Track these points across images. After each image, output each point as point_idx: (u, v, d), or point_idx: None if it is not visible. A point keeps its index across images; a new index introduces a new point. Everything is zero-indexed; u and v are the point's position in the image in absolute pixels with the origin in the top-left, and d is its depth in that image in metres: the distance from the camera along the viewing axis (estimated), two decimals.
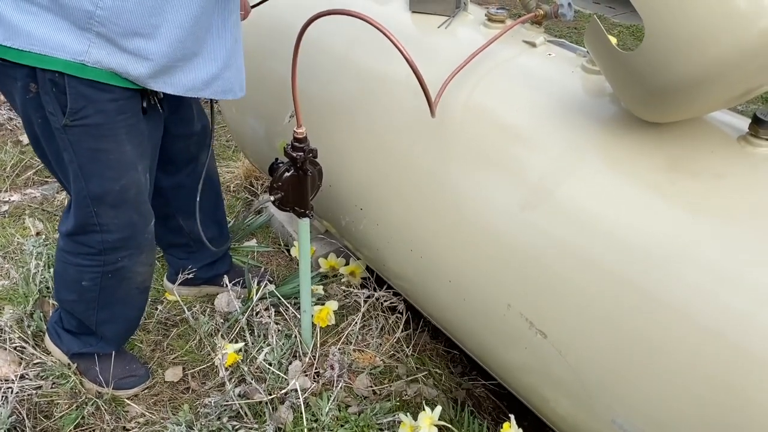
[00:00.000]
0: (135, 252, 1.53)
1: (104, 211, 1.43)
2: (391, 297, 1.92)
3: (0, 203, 2.33)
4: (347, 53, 1.79)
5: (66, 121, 1.28)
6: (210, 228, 1.93)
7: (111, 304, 1.62)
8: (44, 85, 1.25)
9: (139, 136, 1.40)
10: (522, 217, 1.34)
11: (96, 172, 1.37)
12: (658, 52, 1.07)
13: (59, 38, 1.20)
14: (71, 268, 1.55)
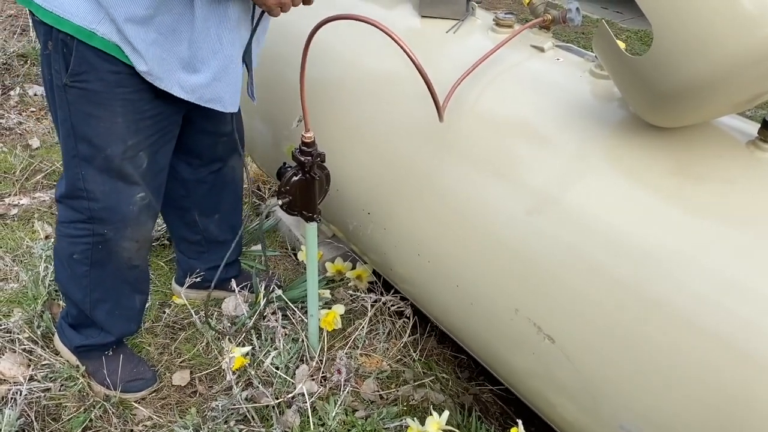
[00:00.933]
0: (120, 225, 1.55)
1: (91, 175, 1.46)
2: (398, 301, 1.92)
3: (10, 207, 2.35)
4: (355, 58, 1.79)
5: (66, 81, 1.35)
6: (225, 231, 1.95)
7: (102, 281, 1.63)
8: (56, 44, 1.32)
9: (137, 113, 1.42)
10: (529, 222, 1.34)
11: (85, 135, 1.42)
12: (666, 56, 1.07)
13: (77, 5, 1.27)
14: (64, 240, 1.59)
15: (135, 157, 1.48)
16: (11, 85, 3.14)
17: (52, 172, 2.56)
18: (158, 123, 1.48)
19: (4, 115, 2.93)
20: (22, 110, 2.98)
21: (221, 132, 1.75)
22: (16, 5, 4.00)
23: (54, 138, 2.76)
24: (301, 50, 1.39)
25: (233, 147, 1.82)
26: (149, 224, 1.63)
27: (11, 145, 2.72)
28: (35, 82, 3.19)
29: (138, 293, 1.74)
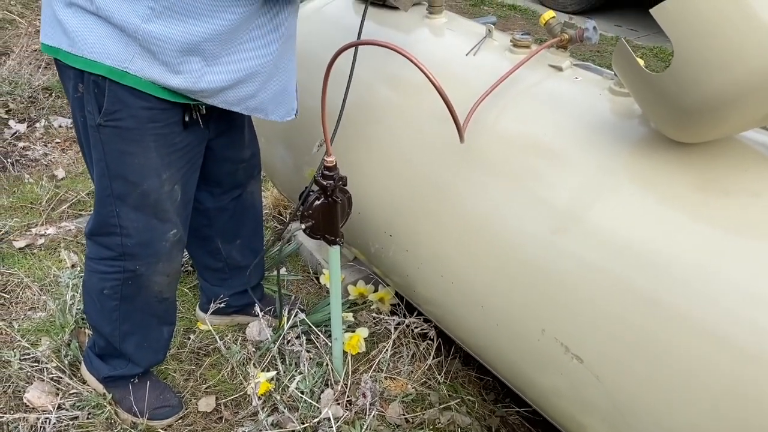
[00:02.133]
0: (152, 260, 1.57)
1: (125, 212, 1.48)
2: (421, 323, 1.91)
3: (37, 236, 2.39)
4: (374, 81, 1.81)
5: (100, 121, 1.37)
6: (247, 256, 1.97)
7: (132, 315, 1.65)
8: (88, 86, 1.35)
9: (169, 147, 1.45)
10: (553, 241, 1.34)
11: (120, 173, 1.44)
12: (687, 73, 1.07)
13: (107, 45, 1.29)
14: (94, 276, 1.61)
15: (171, 191, 1.51)
16: (36, 118, 3.22)
17: (77, 201, 2.61)
18: (187, 154, 1.51)
19: (30, 147, 2.99)
20: (47, 141, 3.05)
21: (241, 158, 1.78)
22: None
23: (78, 168, 2.81)
24: (320, 77, 1.41)
25: (252, 172, 1.85)
26: (179, 258, 1.65)
27: (37, 176, 2.77)
28: (59, 113, 3.26)
29: (166, 324, 1.75)
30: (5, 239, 2.37)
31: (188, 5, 1.28)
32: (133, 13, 1.26)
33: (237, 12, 1.33)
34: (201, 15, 1.30)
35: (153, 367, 1.83)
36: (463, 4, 5.86)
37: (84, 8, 1.28)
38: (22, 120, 3.18)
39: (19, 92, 3.31)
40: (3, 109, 3.22)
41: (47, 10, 1.36)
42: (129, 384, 1.76)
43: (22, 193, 2.64)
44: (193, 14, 1.29)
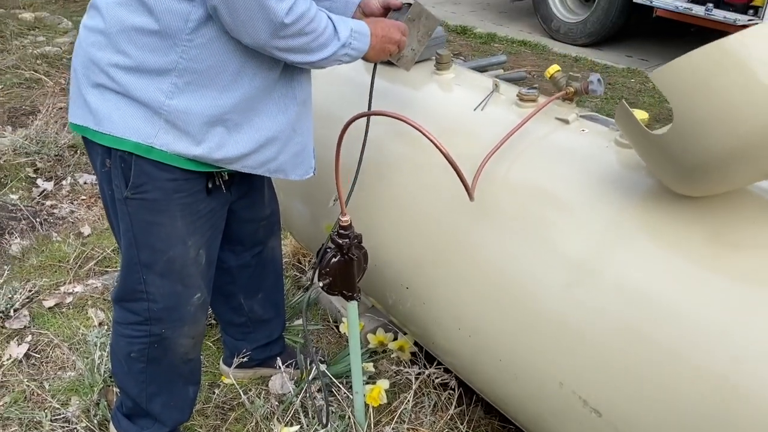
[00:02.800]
0: (178, 324, 1.61)
1: (152, 279, 1.53)
2: (442, 373, 1.92)
3: (65, 295, 2.45)
4: (386, 137, 1.86)
5: (127, 194, 1.43)
6: (268, 309, 2.01)
7: (158, 376, 1.69)
8: (115, 161, 1.41)
9: (194, 215, 1.51)
10: (568, 294, 1.36)
11: (147, 242, 1.49)
12: (688, 133, 1.10)
13: (132, 122, 1.35)
14: (122, 340, 1.65)
15: (196, 256, 1.56)
16: (63, 175, 3.32)
17: (103, 258, 2.68)
18: (210, 219, 1.57)
19: (57, 205, 3.09)
20: (73, 199, 3.14)
21: (261, 217, 1.83)
22: (66, 97, 4.25)
23: (103, 225, 2.89)
24: (335, 132, 1.47)
25: (272, 229, 1.91)
26: (204, 320, 1.70)
27: (65, 233, 2.85)
28: (84, 170, 3.37)
29: (191, 384, 1.79)
30: (35, 299, 2.44)
31: (210, 79, 1.36)
32: (158, 90, 1.34)
33: (256, 82, 1.40)
34: (222, 87, 1.37)
35: (179, 425, 1.86)
36: (473, 42, 5.95)
37: (109, 88, 1.36)
38: (49, 178, 3.29)
39: (46, 151, 3.42)
40: (31, 168, 3.33)
41: (74, 91, 1.43)
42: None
43: (51, 252, 2.72)
44: (214, 87, 1.37)
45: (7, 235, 2.81)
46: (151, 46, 1.31)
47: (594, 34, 5.75)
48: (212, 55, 1.34)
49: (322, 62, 1.40)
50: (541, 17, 6.19)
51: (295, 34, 1.30)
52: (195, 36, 1.31)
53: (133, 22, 1.30)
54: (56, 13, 6.25)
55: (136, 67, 1.33)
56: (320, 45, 1.36)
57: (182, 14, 1.29)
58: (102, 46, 1.35)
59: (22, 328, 2.30)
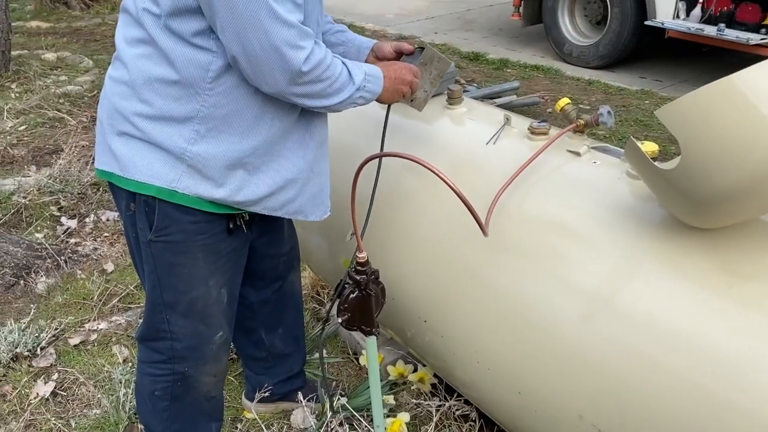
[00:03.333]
0: (200, 362, 1.65)
1: (175, 319, 1.57)
2: (462, 405, 1.93)
3: (90, 332, 2.50)
4: (401, 171, 1.89)
5: (151, 237, 1.47)
6: (289, 344, 2.03)
7: (181, 414, 1.72)
8: (139, 205, 1.46)
9: (215, 255, 1.55)
10: (585, 326, 1.37)
11: (170, 284, 1.53)
12: (696, 169, 1.12)
13: (155, 168, 1.40)
14: (146, 379, 1.68)
15: (218, 295, 1.60)
16: (86, 213, 3.40)
17: (126, 295, 2.73)
18: (232, 258, 1.61)
19: (81, 242, 3.16)
20: (96, 236, 3.21)
21: (281, 253, 1.87)
22: (88, 135, 4.36)
23: (126, 261, 2.95)
24: (349, 165, 1.50)
25: (292, 264, 1.94)
26: (226, 358, 1.73)
27: (89, 271, 2.91)
28: (107, 207, 3.44)
29: (214, 421, 1.82)
30: (61, 337, 2.49)
31: (230, 125, 1.41)
32: (180, 137, 1.39)
33: (275, 127, 1.45)
34: (242, 132, 1.42)
35: None
36: (486, 68, 6.00)
37: (133, 136, 1.41)
38: (72, 216, 3.37)
39: (70, 189, 3.51)
40: (55, 207, 3.41)
41: (100, 138, 1.49)
42: None
43: (75, 289, 2.78)
44: (234, 132, 1.42)
45: (33, 273, 2.87)
46: (173, 96, 1.37)
47: (606, 56, 5.78)
48: (232, 102, 1.39)
49: (338, 106, 1.44)
50: (553, 41, 6.24)
51: (312, 81, 1.35)
52: (215, 85, 1.36)
53: (155, 73, 1.36)
54: (77, 53, 6.42)
55: (159, 116, 1.38)
56: (336, 90, 1.40)
57: (203, 65, 1.34)
58: (126, 96, 1.41)
59: (48, 366, 2.35)
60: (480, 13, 8.28)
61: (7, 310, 2.68)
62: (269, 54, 1.28)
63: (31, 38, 7.00)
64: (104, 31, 7.47)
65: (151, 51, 1.36)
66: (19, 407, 2.17)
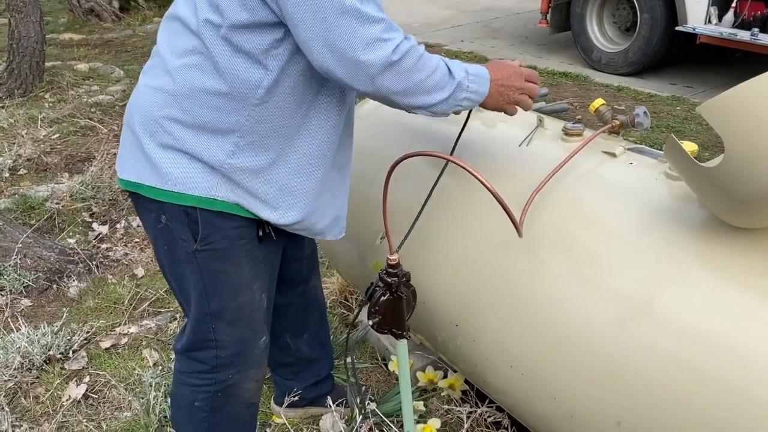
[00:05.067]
0: (244, 368, 1.63)
1: (221, 327, 1.56)
2: (494, 412, 1.89)
3: (120, 336, 2.52)
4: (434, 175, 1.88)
5: (197, 246, 1.46)
6: (315, 349, 2.02)
7: (220, 425, 1.69)
8: (176, 217, 1.43)
9: (255, 260, 1.55)
10: (623, 330, 1.33)
11: (217, 292, 1.52)
12: (740, 165, 1.09)
13: (193, 177, 1.39)
14: (186, 389, 1.66)
15: (260, 300, 1.60)
16: (117, 219, 3.44)
17: (156, 299, 2.75)
18: (269, 264, 1.61)
19: (112, 248, 3.20)
20: (127, 242, 3.25)
21: (304, 255, 1.88)
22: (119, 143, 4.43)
23: (156, 266, 2.97)
24: (382, 169, 1.49)
25: (313, 266, 1.95)
26: (266, 362, 1.73)
27: (120, 276, 2.94)
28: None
29: (250, 428, 1.81)
30: (93, 340, 2.52)
31: (270, 140, 1.41)
32: (220, 149, 1.39)
33: (313, 146, 1.46)
34: (280, 148, 1.43)
35: None
36: None
37: (171, 146, 1.39)
38: (104, 222, 3.41)
39: (101, 196, 3.56)
40: (87, 213, 3.46)
41: (129, 148, 1.46)
42: None
43: (106, 294, 2.81)
44: (273, 148, 1.42)
45: (65, 278, 2.91)
46: (218, 107, 1.36)
47: (636, 63, 5.71)
48: (276, 119, 1.39)
49: (441, 105, 1.38)
50: (581, 48, 6.18)
51: (405, 71, 1.29)
52: (263, 101, 1.36)
53: (204, 84, 1.35)
54: (109, 63, 6.54)
55: (200, 126, 1.37)
56: (435, 85, 1.35)
57: (255, 81, 1.34)
58: (166, 105, 1.39)
59: (80, 369, 2.37)
60: (506, 21, 8.26)
61: (41, 313, 2.72)
62: (361, 51, 1.24)
63: (64, 50, 7.16)
64: (135, 42, 7.62)
65: (201, 61, 1.35)
66: (52, 409, 2.19)
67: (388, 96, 1.33)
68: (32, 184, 3.85)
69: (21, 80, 5.43)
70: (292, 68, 1.36)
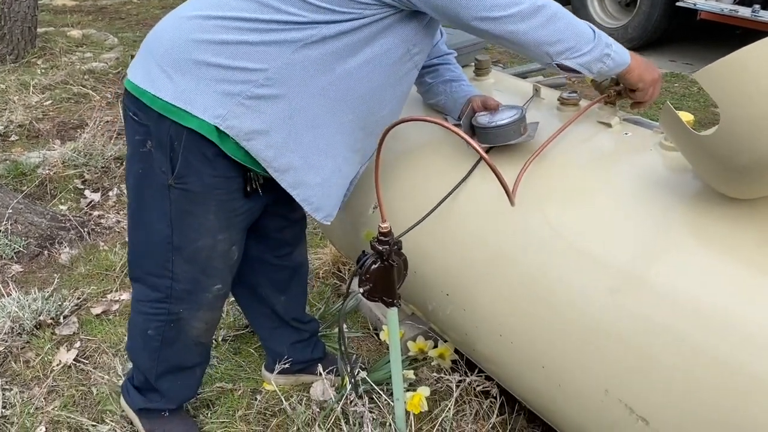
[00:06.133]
0: (195, 306, 1.68)
1: (179, 261, 1.59)
2: (483, 381, 1.90)
3: (111, 302, 2.52)
4: (428, 141, 1.86)
5: (171, 182, 1.48)
6: (292, 309, 2.03)
7: (169, 356, 1.76)
8: (162, 146, 1.44)
9: (230, 212, 1.56)
10: (613, 301, 1.33)
11: (181, 228, 1.55)
12: (737, 133, 1.07)
13: (208, 101, 1.40)
14: (140, 317, 1.72)
15: (228, 251, 1.62)
16: (109, 187, 3.41)
17: None
18: (248, 218, 1.63)
19: (104, 215, 3.18)
20: (119, 209, 3.23)
21: (289, 217, 1.86)
22: (112, 111, 4.38)
23: None
24: None
25: (299, 234, 1.94)
26: (220, 309, 1.77)
27: (111, 243, 2.93)
28: None
29: (199, 366, 1.86)
30: (84, 306, 2.51)
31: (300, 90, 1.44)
32: (250, 81, 1.39)
33: (338, 107, 1.49)
34: (309, 97, 1.45)
35: (185, 402, 1.94)
36: (504, 59, 5.91)
37: (199, 65, 1.40)
38: (96, 189, 3.39)
39: (94, 163, 3.53)
40: (79, 180, 3.44)
41: (150, 61, 1.46)
42: (159, 416, 1.87)
43: (98, 261, 2.80)
44: (301, 96, 1.44)
45: (57, 244, 2.90)
46: (264, 41, 1.38)
47: (636, 39, 5.66)
48: (308, 75, 1.42)
49: (589, 57, 1.41)
50: None
51: (549, 18, 1.36)
52: (304, 50, 1.39)
53: (251, 15, 1.38)
54: (103, 30, 6.46)
55: (235, 56, 1.38)
56: (579, 33, 1.40)
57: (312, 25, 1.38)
58: (210, 30, 1.40)
59: (71, 335, 2.37)
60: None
61: (32, 279, 2.71)
62: None
63: (57, 16, 7.05)
64: (129, 10, 7.51)
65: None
66: (42, 373, 2.19)
67: (537, 42, 1.39)
68: (24, 150, 3.81)
69: (13, 46, 5.35)
70: (362, 32, 1.40)
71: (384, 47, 1.45)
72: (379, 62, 1.46)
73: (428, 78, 1.85)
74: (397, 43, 1.46)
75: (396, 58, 1.49)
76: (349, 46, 1.41)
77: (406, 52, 1.49)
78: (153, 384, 1.81)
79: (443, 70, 1.83)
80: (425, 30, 1.51)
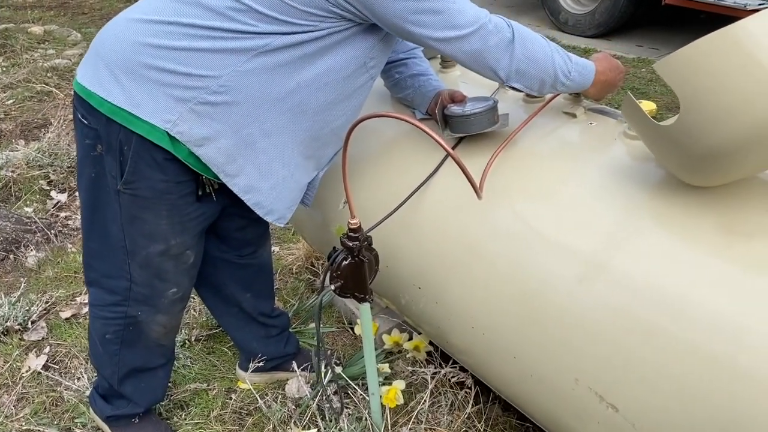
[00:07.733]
0: (153, 310, 1.66)
1: (134, 265, 1.58)
2: (458, 372, 1.91)
3: (81, 306, 2.46)
4: (397, 138, 1.86)
5: (120, 187, 1.45)
6: (260, 304, 2.01)
7: (130, 359, 1.74)
8: (112, 150, 1.41)
9: (182, 216, 1.53)
10: (580, 289, 1.35)
11: (132, 234, 1.52)
12: (696, 123, 1.09)
13: (159, 105, 1.37)
14: (98, 322, 1.70)
15: (182, 255, 1.59)
16: (76, 187, 3.34)
17: None
18: (202, 222, 1.60)
19: (71, 216, 3.12)
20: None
21: (250, 217, 1.81)
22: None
23: None
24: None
25: (264, 233, 1.91)
26: (179, 313, 1.75)
27: (79, 245, 2.88)
28: None
29: (162, 367, 1.84)
30: (52, 310, 2.47)
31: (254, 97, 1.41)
32: (203, 87, 1.37)
33: (290, 114, 1.46)
34: (269, 105, 1.43)
35: (153, 405, 1.91)
36: None
37: (151, 70, 1.37)
38: (62, 190, 3.32)
39: (59, 163, 3.46)
40: (44, 181, 3.36)
41: (101, 65, 1.42)
42: (130, 423, 1.84)
43: (66, 263, 2.75)
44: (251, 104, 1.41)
45: (23, 248, 2.84)
46: (219, 49, 1.36)
47: (603, 24, 5.70)
48: (262, 82, 1.40)
49: (543, 89, 1.49)
50: (548, 10, 6.14)
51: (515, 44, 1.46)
52: (254, 60, 1.37)
53: (204, 23, 1.36)
54: (65, 26, 6.31)
55: (185, 63, 1.36)
56: (540, 52, 1.49)
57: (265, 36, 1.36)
58: (165, 36, 1.37)
59: (40, 340, 2.33)
60: None
61: None
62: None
63: (17, 12, 6.87)
64: (92, 4, 7.35)
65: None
66: (11, 380, 2.15)
67: (501, 62, 1.45)
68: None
69: None
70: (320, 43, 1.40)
71: (340, 60, 1.44)
72: (335, 74, 1.45)
73: (396, 72, 1.84)
74: (354, 56, 1.45)
75: (352, 71, 1.48)
76: (304, 56, 1.40)
77: (362, 65, 1.48)
78: (117, 389, 1.78)
79: (411, 64, 1.82)
80: (382, 43, 1.50)
